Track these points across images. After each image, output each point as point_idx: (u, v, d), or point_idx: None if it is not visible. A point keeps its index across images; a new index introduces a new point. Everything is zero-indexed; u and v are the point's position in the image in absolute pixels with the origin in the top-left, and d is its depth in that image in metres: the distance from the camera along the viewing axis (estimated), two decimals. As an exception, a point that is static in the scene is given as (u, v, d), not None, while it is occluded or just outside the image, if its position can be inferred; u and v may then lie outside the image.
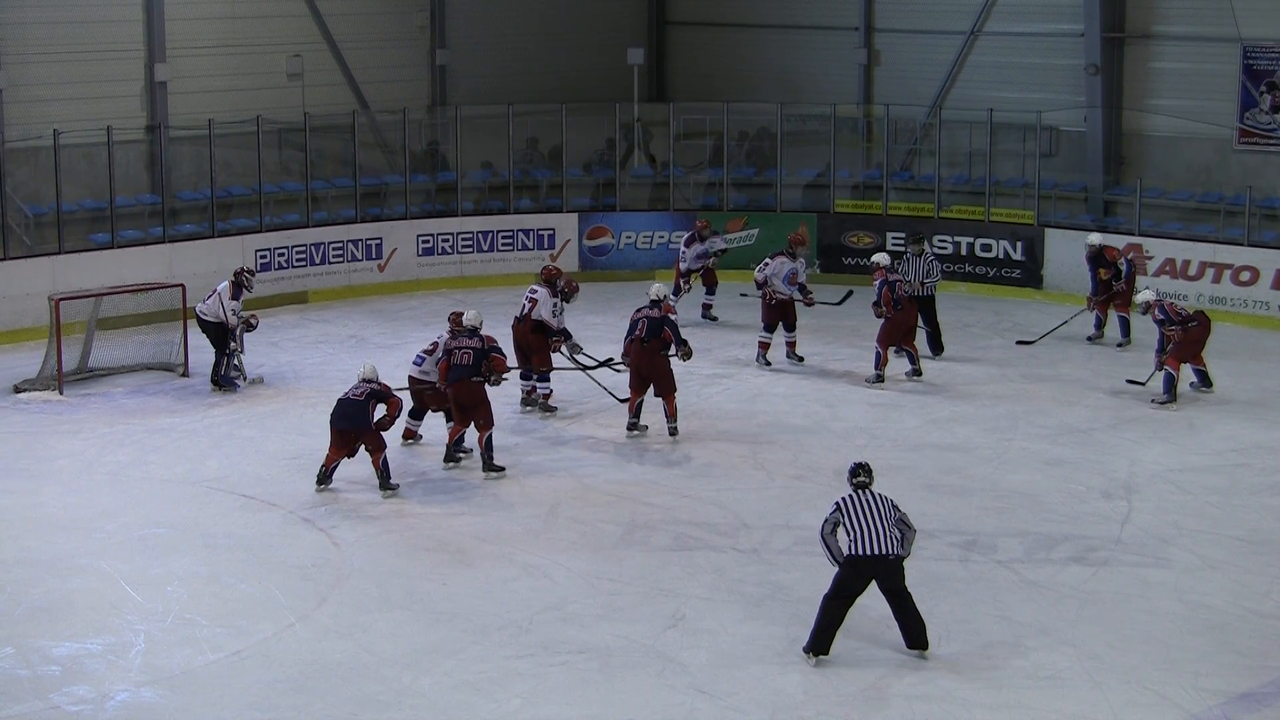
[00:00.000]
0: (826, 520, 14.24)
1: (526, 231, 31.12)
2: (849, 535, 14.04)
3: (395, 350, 24.92)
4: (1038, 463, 19.95)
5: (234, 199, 30.20)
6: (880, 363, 23.36)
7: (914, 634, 14.36)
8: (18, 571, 16.37)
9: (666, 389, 20.99)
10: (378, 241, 30.19)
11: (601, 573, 16.38)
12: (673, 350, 20.97)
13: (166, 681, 13.99)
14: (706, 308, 27.24)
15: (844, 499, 14.25)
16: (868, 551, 13.99)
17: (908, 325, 23.56)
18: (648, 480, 19.35)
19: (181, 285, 24.49)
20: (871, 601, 14.30)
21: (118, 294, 24.35)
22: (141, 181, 30.26)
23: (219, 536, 17.36)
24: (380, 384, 18.90)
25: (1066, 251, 28.40)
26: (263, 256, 28.81)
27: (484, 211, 31.73)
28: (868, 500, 14.18)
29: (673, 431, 20.97)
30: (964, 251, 29.81)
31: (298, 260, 29.38)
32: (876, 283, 23.54)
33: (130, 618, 15.33)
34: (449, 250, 30.48)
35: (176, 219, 29.67)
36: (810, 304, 24.58)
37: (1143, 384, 22.90)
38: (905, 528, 14.18)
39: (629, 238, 31.17)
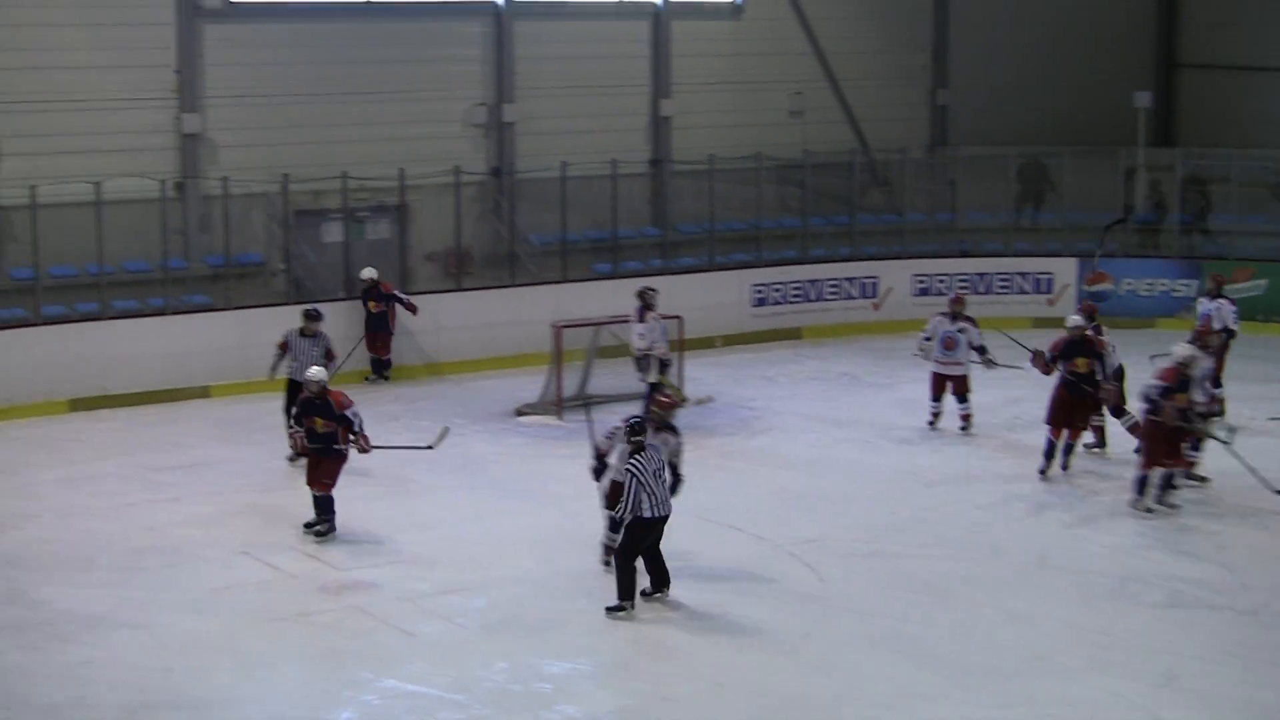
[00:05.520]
0: (627, 493, 15.72)
1: (1024, 274, 30.67)
2: (648, 500, 15.67)
3: (887, 390, 24.86)
4: None
5: (732, 234, 30.62)
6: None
7: (663, 576, 16.27)
8: (515, 589, 16.80)
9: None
10: (873, 280, 30.19)
11: (1091, 624, 15.94)
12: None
13: (647, 709, 14.16)
14: None
15: (635, 464, 15.76)
16: (659, 513, 15.82)
17: None
18: (1142, 532, 18.77)
19: (678, 317, 24.81)
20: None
21: (618, 324, 24.81)
22: (643, 214, 30.97)
23: (707, 566, 17.50)
24: None
25: None
26: (758, 292, 29.15)
27: (981, 253, 31.38)
28: (649, 461, 15.81)
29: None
30: None
31: (793, 296, 29.61)
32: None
33: (620, 640, 15.61)
34: (944, 291, 30.25)
35: (676, 251, 30.24)
36: (989, 366, 23.03)
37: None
38: (675, 475, 16.60)
39: (1129, 284, 30.42)
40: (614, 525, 16.62)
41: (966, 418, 22.88)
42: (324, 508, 18.24)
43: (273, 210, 27.54)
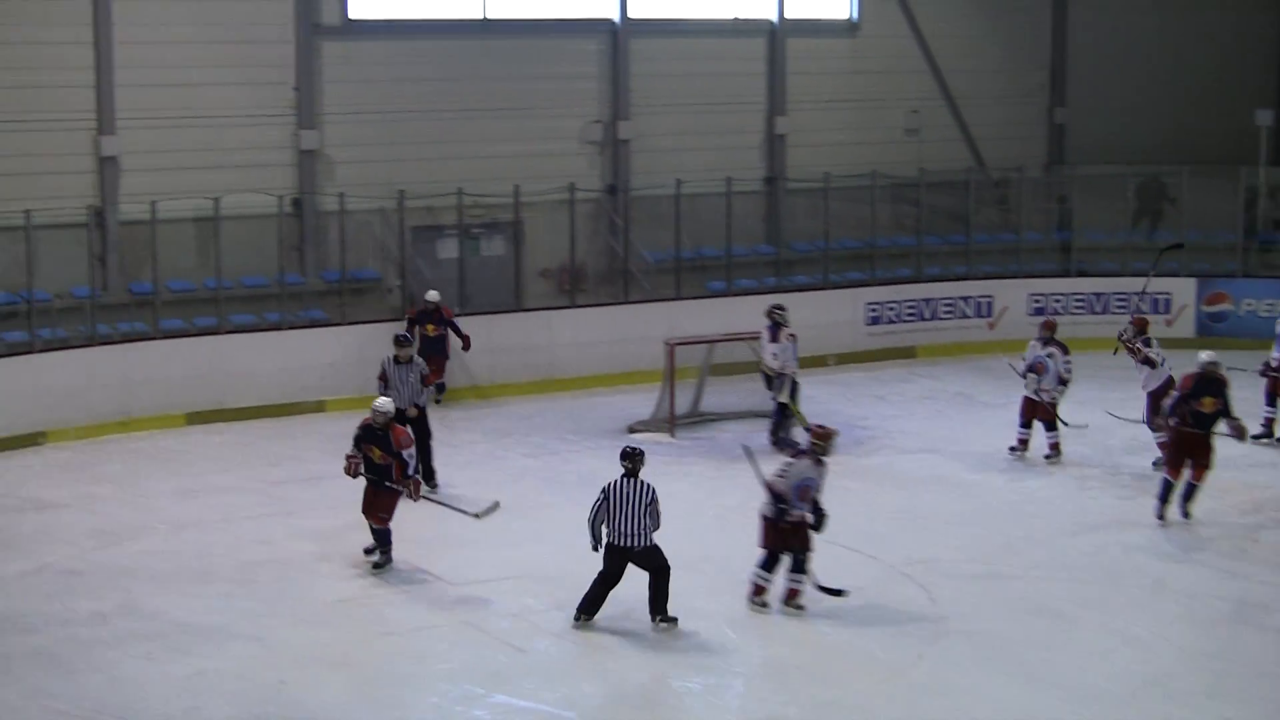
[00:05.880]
0: (593, 507, 15.99)
1: (1141, 295, 30.28)
2: (608, 525, 15.90)
3: (1001, 410, 24.65)
4: None
5: (846, 252, 30.54)
6: None
7: (658, 604, 16.09)
8: (626, 606, 16.68)
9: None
10: (989, 299, 30.01)
11: (1208, 649, 15.73)
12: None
13: (760, 726, 14.15)
14: None
15: (609, 485, 15.93)
16: (622, 544, 15.91)
17: None
18: (1261, 558, 18.49)
19: (793, 335, 24.70)
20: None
21: (731, 341, 24.77)
22: (758, 231, 30.95)
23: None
24: None
25: None
26: (872, 310, 29.06)
27: (1098, 273, 31.08)
28: (629, 489, 15.85)
29: None
30: None
31: (907, 315, 29.49)
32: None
33: (729, 659, 15.57)
34: (1059, 311, 29.95)
35: (790, 269, 30.20)
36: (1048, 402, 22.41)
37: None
38: (656, 514, 15.96)
39: (1249, 305, 30.04)
40: (764, 563, 16.71)
41: (1054, 446, 22.40)
42: (381, 539, 18.20)
43: (388, 226, 27.73)
